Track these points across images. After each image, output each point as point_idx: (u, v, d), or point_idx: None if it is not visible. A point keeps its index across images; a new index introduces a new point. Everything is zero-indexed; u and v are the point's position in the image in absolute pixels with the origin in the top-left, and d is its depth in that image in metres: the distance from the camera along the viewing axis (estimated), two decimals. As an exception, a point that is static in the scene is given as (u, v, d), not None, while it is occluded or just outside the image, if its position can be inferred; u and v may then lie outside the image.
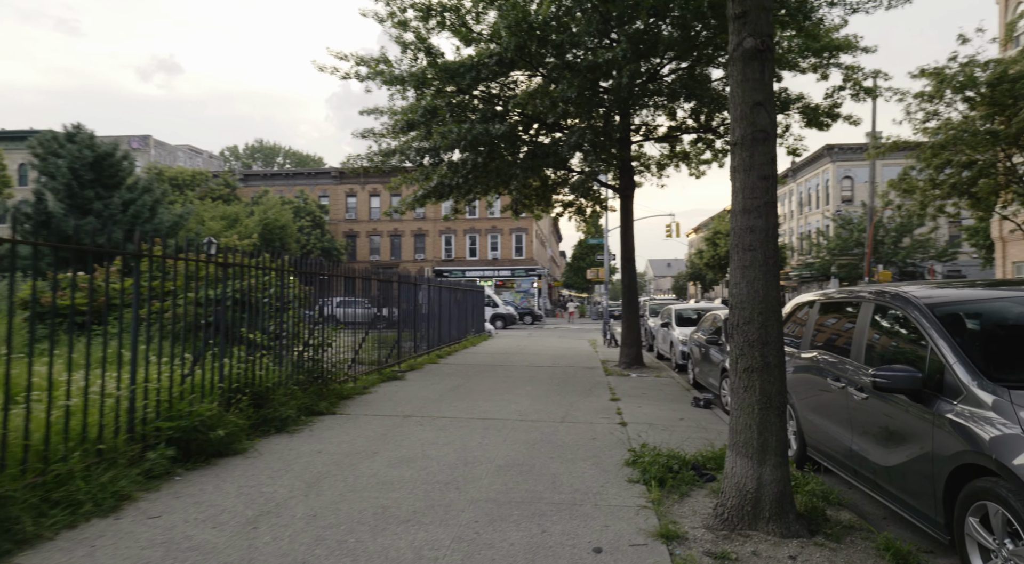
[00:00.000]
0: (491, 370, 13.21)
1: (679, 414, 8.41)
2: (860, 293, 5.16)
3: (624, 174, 14.36)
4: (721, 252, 51.04)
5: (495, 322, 34.30)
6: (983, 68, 17.44)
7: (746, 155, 4.14)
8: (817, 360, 5.50)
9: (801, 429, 5.84)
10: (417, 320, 14.70)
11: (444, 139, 10.84)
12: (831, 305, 5.77)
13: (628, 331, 14.02)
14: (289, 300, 8.21)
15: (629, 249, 14.30)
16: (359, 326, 11.45)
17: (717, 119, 15.09)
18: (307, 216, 44.11)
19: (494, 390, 10.30)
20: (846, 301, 5.44)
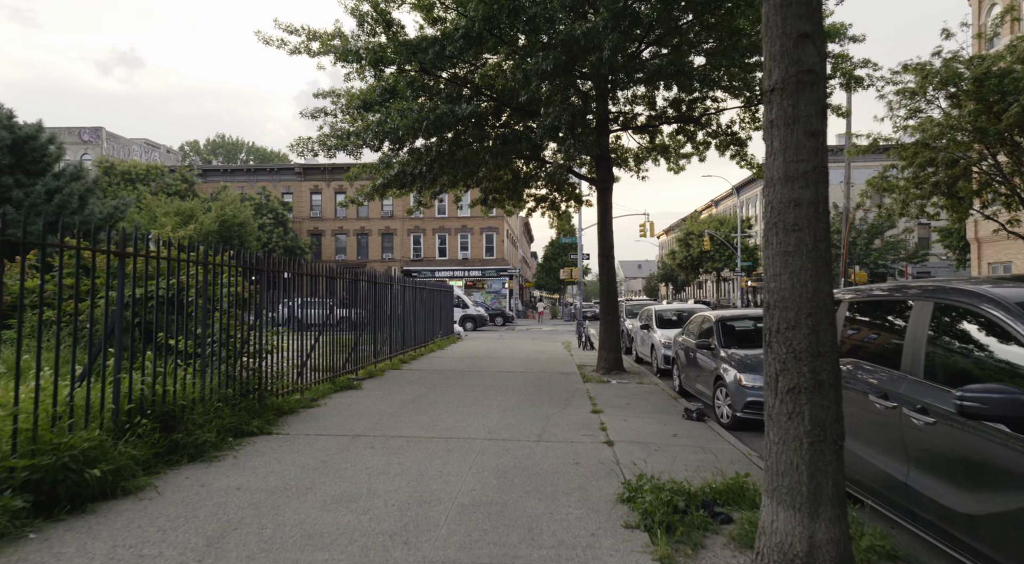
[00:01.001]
0: (458, 377, 12.07)
1: (671, 428, 7.41)
2: (910, 290, 4.19)
3: (602, 165, 13.38)
4: (694, 253, 50.72)
5: (465, 324, 33.12)
6: (967, 65, 16.99)
7: (787, 104, 3.12)
8: (853, 372, 4.52)
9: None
10: (378, 322, 13.48)
11: (403, 118, 9.67)
12: (868, 305, 4.79)
13: (607, 334, 13.04)
14: (219, 299, 6.96)
15: (608, 246, 13.32)
16: (314, 329, 10.21)
17: (699, 108, 14.24)
18: (269, 213, 42.25)
19: (461, 401, 9.17)
20: (890, 300, 4.46)
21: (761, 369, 7.92)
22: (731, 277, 53.86)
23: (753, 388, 7.53)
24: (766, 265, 3.23)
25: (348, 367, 11.58)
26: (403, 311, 15.51)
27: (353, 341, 11.84)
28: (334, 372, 10.65)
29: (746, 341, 9.04)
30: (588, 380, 11.73)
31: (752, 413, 7.52)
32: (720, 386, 8.18)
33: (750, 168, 15.25)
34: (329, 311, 10.45)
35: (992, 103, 15.64)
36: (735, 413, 7.69)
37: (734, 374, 7.80)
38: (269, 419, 7.00)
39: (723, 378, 8.04)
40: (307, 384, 9.54)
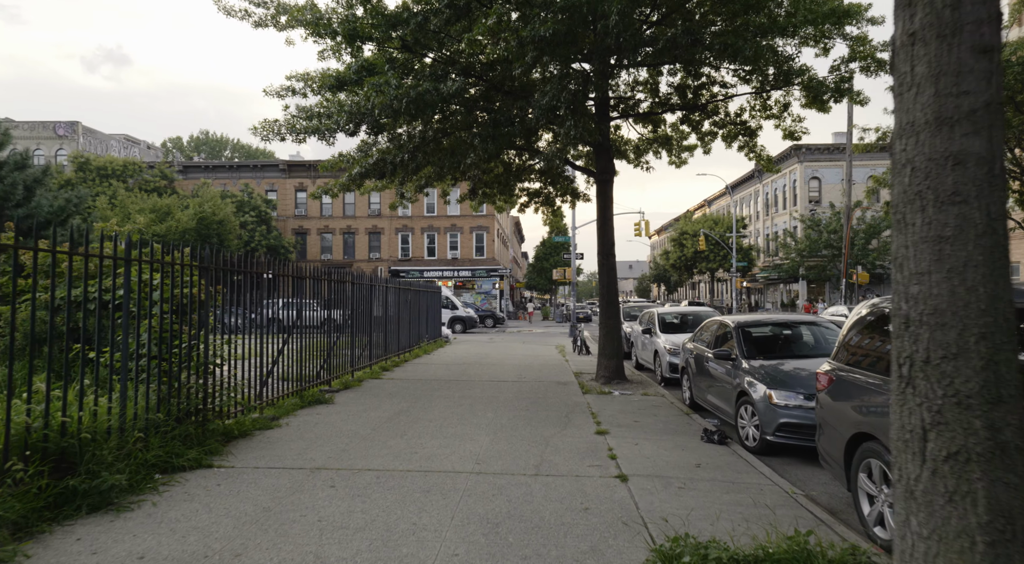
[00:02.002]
0: (444, 388, 10.90)
1: (691, 455, 6.29)
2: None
3: (601, 155, 12.27)
4: (688, 253, 49.84)
5: (454, 326, 31.94)
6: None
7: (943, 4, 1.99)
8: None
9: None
10: (356, 326, 12.28)
11: (379, 95, 8.48)
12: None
13: (607, 339, 11.92)
14: (154, 303, 5.75)
15: (608, 243, 12.20)
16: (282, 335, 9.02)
17: (706, 95, 13.17)
18: (252, 211, 40.81)
19: (445, 419, 8.01)
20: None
21: (795, 384, 6.82)
22: (725, 278, 53.03)
23: (787, 407, 6.43)
24: (901, 258, 2.11)
25: (322, 377, 10.40)
26: (385, 313, 14.32)
27: (327, 348, 10.64)
28: (304, 384, 9.45)
29: (770, 350, 7.96)
30: (588, 391, 10.61)
31: (786, 437, 6.42)
32: (744, 403, 7.08)
33: (759, 161, 14.21)
34: (296, 314, 9.25)
35: (1016, 91, 14.72)
36: (764, 435, 6.59)
37: (763, 390, 6.70)
38: (212, 448, 5.80)
39: (749, 394, 6.94)
40: (270, 399, 8.35)
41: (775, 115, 13.23)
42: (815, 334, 8.31)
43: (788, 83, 12.02)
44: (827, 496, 5.40)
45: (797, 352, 7.90)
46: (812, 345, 8.06)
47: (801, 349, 8.04)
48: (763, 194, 52.82)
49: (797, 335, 8.25)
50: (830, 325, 8.45)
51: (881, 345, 4.53)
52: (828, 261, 39.80)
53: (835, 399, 4.83)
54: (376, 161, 10.46)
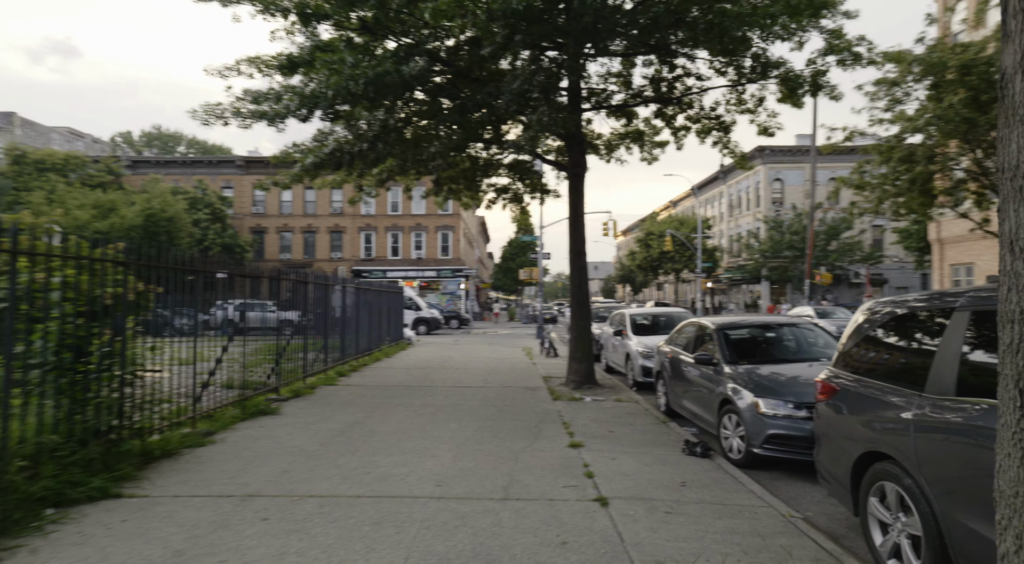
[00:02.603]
0: (405, 394, 10.15)
1: (674, 471, 5.72)
2: None
3: (573, 148, 11.71)
4: (654, 254, 49.87)
5: (418, 327, 31.05)
6: (949, 52, 16.10)
7: None
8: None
9: (945, 540, 3.23)
10: (310, 328, 11.43)
11: (334, 73, 7.69)
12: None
13: (578, 342, 11.34)
14: (58, 304, 4.88)
15: (579, 241, 11.64)
16: (231, 336, 8.14)
17: (680, 87, 12.73)
18: (205, 208, 39.03)
19: (404, 431, 7.28)
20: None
21: (784, 392, 6.28)
22: (691, 278, 53.34)
23: (776, 417, 5.91)
24: (1013, 257, 1.51)
25: (271, 384, 9.54)
26: (342, 315, 13.48)
27: (276, 352, 9.79)
28: (249, 392, 8.59)
29: (753, 354, 7.46)
30: (558, 397, 10.00)
31: (775, 449, 5.90)
32: (728, 412, 6.55)
33: (732, 156, 13.84)
34: (240, 316, 8.39)
35: (980, 91, 14.71)
36: (751, 448, 6.07)
37: (750, 399, 6.18)
38: (125, 473, 4.97)
39: (733, 402, 6.42)
40: (207, 411, 7.49)
41: (750, 109, 12.85)
42: (797, 336, 7.87)
43: (765, 76, 11.65)
44: (825, 517, 4.89)
45: (781, 356, 7.43)
46: (796, 348, 7.61)
47: (785, 353, 7.58)
48: (728, 195, 53.30)
49: (780, 338, 7.79)
50: (811, 327, 8.03)
51: (899, 351, 4.01)
52: (790, 262, 40.24)
53: (840, 411, 4.30)
54: (332, 150, 9.65)
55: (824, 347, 7.50)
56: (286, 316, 10.44)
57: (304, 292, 11.07)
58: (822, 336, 7.76)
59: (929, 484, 3.31)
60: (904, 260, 45.47)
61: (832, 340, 7.62)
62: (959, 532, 3.12)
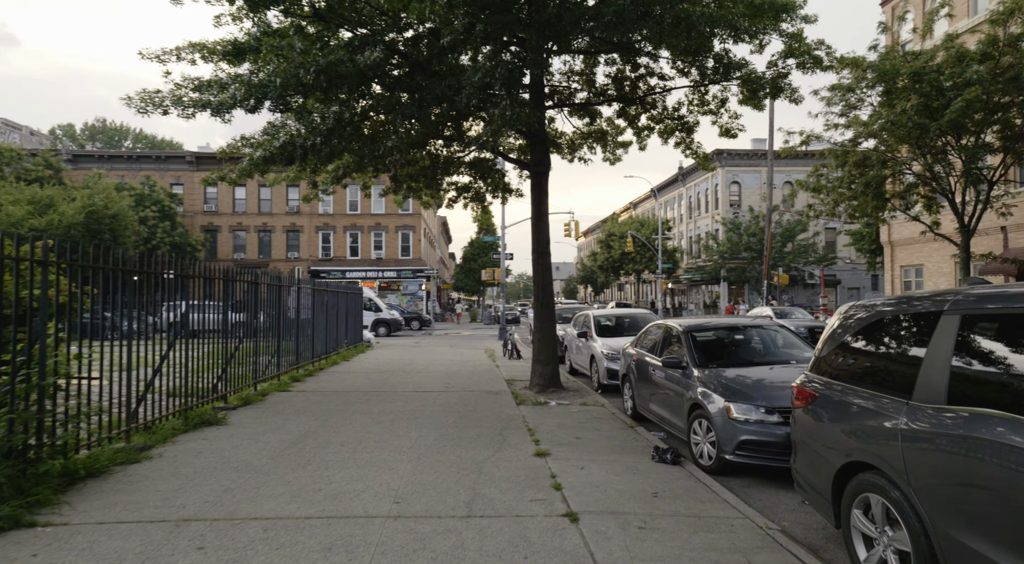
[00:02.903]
0: (362, 400, 9.70)
1: (645, 481, 5.49)
2: None
3: (536, 146, 11.45)
4: (615, 255, 50.20)
5: (377, 329, 30.38)
6: (900, 60, 16.49)
7: None
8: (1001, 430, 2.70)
9: (938, 557, 3.05)
10: (262, 331, 10.86)
11: (283, 60, 7.21)
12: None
13: (542, 344, 11.07)
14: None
15: (543, 241, 11.38)
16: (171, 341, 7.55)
17: (644, 87, 12.61)
18: (153, 206, 37.39)
19: (360, 442, 6.87)
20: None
21: (755, 396, 6.07)
22: (651, 279, 53.94)
23: (748, 423, 5.74)
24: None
25: (219, 391, 8.96)
26: (297, 317, 12.89)
27: (224, 357, 9.20)
28: (194, 401, 8.01)
29: (721, 357, 7.32)
30: (522, 402, 9.71)
31: (747, 456, 5.73)
32: (699, 417, 6.37)
33: (695, 157, 13.81)
34: (181, 319, 7.82)
35: (932, 98, 15.09)
36: (723, 454, 5.89)
37: (721, 404, 6.00)
38: (42, 497, 4.44)
39: (704, 407, 6.23)
40: (146, 422, 6.92)
41: (712, 111, 12.82)
42: (764, 338, 7.77)
43: (727, 77, 11.61)
44: (802, 527, 4.72)
45: (749, 358, 7.30)
46: (763, 351, 7.49)
47: (753, 355, 7.45)
48: (686, 197, 54.07)
49: (747, 339, 7.67)
50: (777, 328, 7.94)
51: (882, 356, 3.84)
52: (748, 263, 41.01)
53: (819, 419, 4.12)
54: (283, 144, 9.13)
55: (791, 349, 7.42)
56: (236, 318, 9.86)
57: (255, 293, 10.49)
58: (788, 337, 7.67)
59: (919, 497, 3.13)
60: (856, 262, 46.92)
61: (798, 341, 7.55)
62: (953, 549, 2.93)
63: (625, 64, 12.20)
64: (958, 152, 16.10)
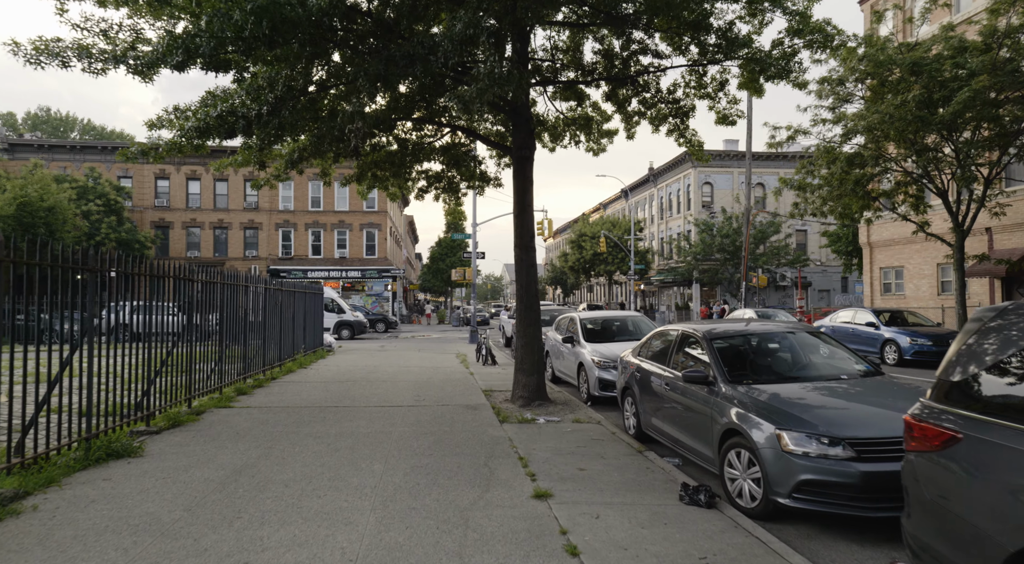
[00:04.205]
0: (317, 420, 8.22)
1: (680, 535, 4.21)
2: None
3: (520, 127, 10.16)
4: (587, 255, 49.26)
5: (340, 331, 28.65)
6: (895, 52, 15.74)
7: None
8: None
9: None
10: (201, 336, 9.27)
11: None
12: None
13: (526, 351, 9.75)
14: None
15: (528, 234, 10.08)
16: (71, 350, 5.96)
17: (636, 66, 11.42)
18: (98, 199, 34.84)
19: (311, 478, 5.43)
20: None
21: (817, 422, 4.34)
22: (623, 280, 53.19)
23: (808, 457, 4.51)
24: None
25: (145, 409, 7.38)
26: (244, 319, 11.29)
27: (151, 367, 7.61)
28: (106, 423, 6.43)
29: (758, 370, 6.09)
30: (506, 419, 8.36)
31: (810, 500, 4.49)
32: (737, 447, 5.12)
33: (689, 146, 12.68)
34: (87, 322, 6.24)
35: (932, 90, 14.32)
36: (775, 498, 4.65)
37: (768, 431, 4.77)
38: None
39: (743, 435, 4.99)
40: (35, 455, 5.36)
41: (710, 95, 11.70)
42: (803, 347, 6.53)
43: (730, 55, 10.49)
44: (908, 608, 3.49)
45: (790, 372, 6.09)
46: (805, 363, 6.27)
47: (793, 368, 6.24)
48: (658, 198, 53.50)
49: (783, 349, 6.46)
50: (816, 334, 6.73)
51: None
52: (720, 265, 40.48)
53: (971, 473, 2.89)
54: (222, 114, 7.59)
55: (836, 360, 6.24)
56: (168, 321, 8.28)
57: (191, 292, 8.91)
58: (830, 346, 6.50)
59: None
60: (827, 264, 46.98)
61: (843, 351, 6.37)
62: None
63: (617, 39, 11.01)
64: (957, 148, 15.41)
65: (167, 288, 8.12)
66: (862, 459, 4.37)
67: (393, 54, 6.67)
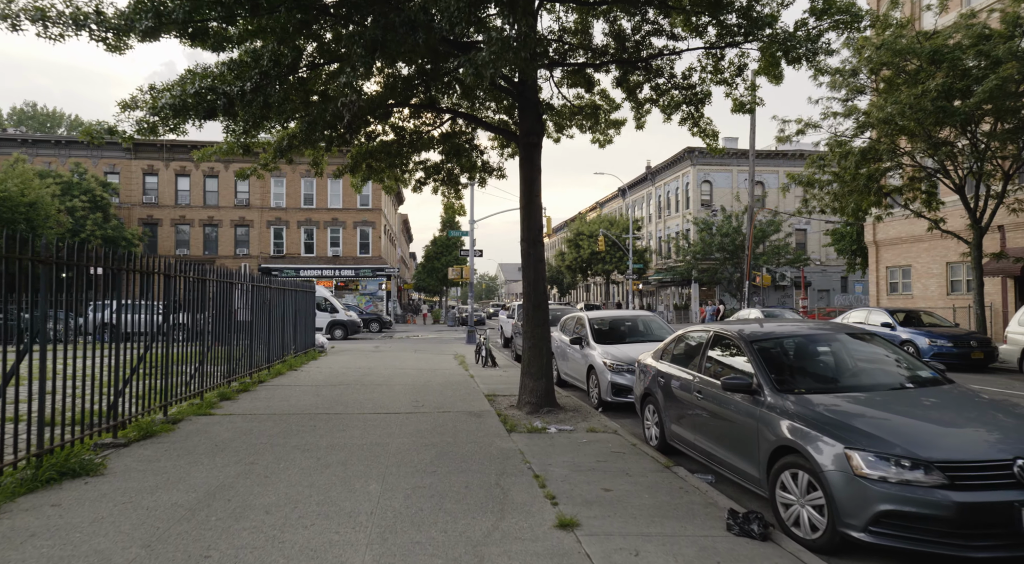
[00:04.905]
0: (307, 429, 7.45)
1: (742, 580, 3.49)
2: None
3: (527, 111, 9.45)
4: (584, 254, 48.57)
5: (333, 331, 27.84)
6: (912, 41, 15.11)
7: None
8: None
9: None
10: (177, 337, 8.50)
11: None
12: None
13: (534, 353, 9.01)
14: None
15: (535, 227, 9.37)
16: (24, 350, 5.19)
17: (648, 49, 10.71)
18: (83, 195, 33.83)
19: (296, 503, 4.67)
20: None
21: (895, 441, 3.46)
22: (620, 280, 52.54)
23: (889, 483, 3.79)
24: None
25: (116, 417, 6.61)
26: (230, 319, 10.51)
27: (118, 371, 6.83)
28: (67, 434, 5.65)
29: (810, 377, 5.36)
30: (513, 427, 7.63)
31: (891, 535, 3.77)
32: (793, 468, 4.41)
33: (703, 136, 11.97)
34: (38, 321, 5.46)
35: (956, 78, 13.69)
36: (845, 530, 3.93)
37: (835, 450, 4.05)
38: None
39: (801, 453, 4.28)
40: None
41: (727, 81, 10.99)
42: (858, 351, 5.73)
43: (752, 35, 9.82)
44: None
45: (847, 381, 5.32)
46: (862, 369, 5.48)
47: (851, 375, 5.41)
48: (655, 197, 52.89)
49: (836, 353, 5.71)
50: (870, 335, 5.97)
51: None
52: (720, 264, 39.88)
53: None
54: (200, 91, 6.83)
55: (900, 366, 5.49)
56: (141, 320, 7.51)
57: (170, 288, 8.13)
58: (889, 348, 5.74)
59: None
60: (826, 263, 46.50)
61: (905, 355, 5.66)
62: None
63: (629, 19, 10.33)
64: (976, 141, 14.80)
65: (134, 283, 7.34)
66: (956, 487, 3.66)
67: (392, 20, 5.93)
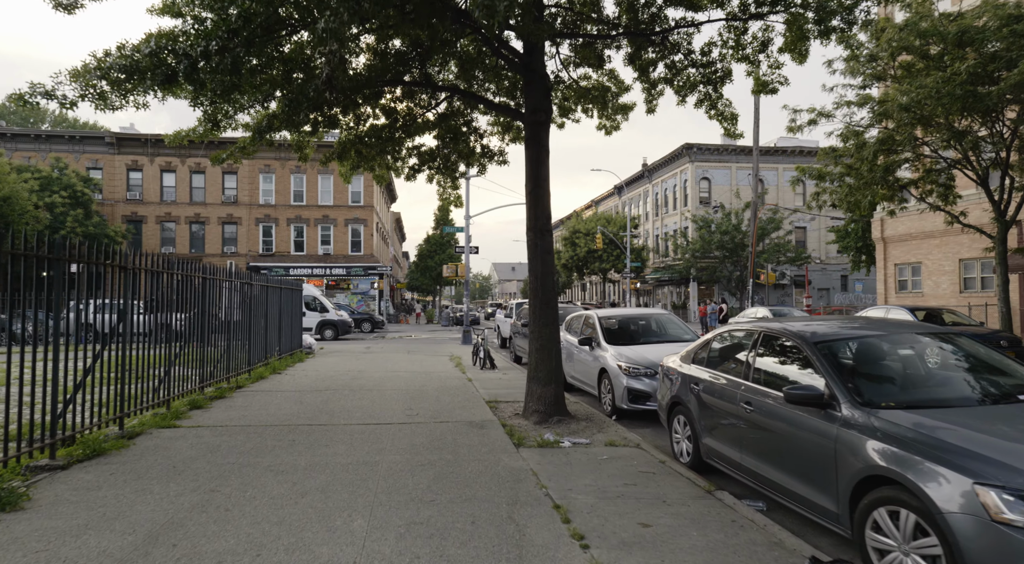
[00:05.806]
0: (284, 444, 6.45)
1: None
2: None
3: (534, 86, 8.50)
4: (581, 253, 47.65)
5: (323, 331, 26.78)
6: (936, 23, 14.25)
7: None
8: None
9: None
10: (146, 338, 7.49)
11: None
12: None
13: (541, 356, 8.04)
14: None
15: (543, 215, 8.40)
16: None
17: (663, 23, 9.78)
18: (63, 191, 32.61)
19: (259, 550, 3.68)
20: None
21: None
22: (617, 278, 51.67)
23: (1039, 531, 2.85)
24: None
25: (58, 432, 5.60)
26: (204, 318, 9.49)
27: (73, 378, 5.82)
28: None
29: (899, 389, 4.40)
30: (521, 441, 6.66)
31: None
32: (889, 505, 3.46)
33: (721, 120, 11.01)
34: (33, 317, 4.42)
35: (986, 62, 12.83)
36: (973, 589, 2.98)
37: (961, 486, 3.11)
38: None
39: (909, 489, 3.34)
40: None
41: (748, 58, 10.06)
42: (952, 357, 4.73)
43: (778, 5, 8.93)
44: None
45: (948, 393, 4.29)
46: (964, 378, 4.47)
47: (952, 385, 4.37)
48: (652, 194, 52.05)
49: (924, 358, 4.72)
50: (960, 336, 4.95)
51: None
52: (719, 262, 39.06)
53: None
54: (155, 50, 5.83)
55: (1004, 374, 4.49)
56: (98, 319, 6.51)
57: (133, 284, 7.13)
58: (989, 353, 4.71)
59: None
60: (826, 261, 45.81)
61: (1004, 360, 4.70)
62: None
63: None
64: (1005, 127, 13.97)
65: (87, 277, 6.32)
66: None
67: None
